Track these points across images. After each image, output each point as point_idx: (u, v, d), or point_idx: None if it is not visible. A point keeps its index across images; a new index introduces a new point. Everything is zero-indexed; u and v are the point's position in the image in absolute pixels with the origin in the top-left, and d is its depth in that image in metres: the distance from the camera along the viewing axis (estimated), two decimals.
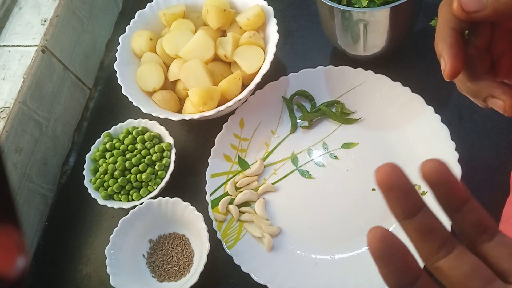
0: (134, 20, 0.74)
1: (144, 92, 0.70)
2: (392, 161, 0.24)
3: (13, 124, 0.64)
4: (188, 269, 0.61)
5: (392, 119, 0.66)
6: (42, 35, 0.70)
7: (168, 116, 0.65)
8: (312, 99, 0.70)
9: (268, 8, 0.69)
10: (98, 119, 0.79)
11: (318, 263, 0.59)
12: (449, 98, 0.67)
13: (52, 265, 0.67)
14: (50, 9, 0.73)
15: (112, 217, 0.69)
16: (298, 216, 0.63)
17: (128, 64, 0.71)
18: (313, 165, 0.66)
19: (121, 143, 0.68)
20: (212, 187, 0.65)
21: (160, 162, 0.66)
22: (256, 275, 0.58)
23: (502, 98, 0.32)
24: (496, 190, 0.59)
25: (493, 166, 0.61)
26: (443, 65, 0.32)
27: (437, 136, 0.61)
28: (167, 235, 0.64)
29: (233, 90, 0.66)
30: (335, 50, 0.74)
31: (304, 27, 0.78)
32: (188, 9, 0.74)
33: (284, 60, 0.76)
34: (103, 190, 0.65)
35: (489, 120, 0.64)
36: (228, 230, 0.62)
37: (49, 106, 0.71)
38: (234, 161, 0.68)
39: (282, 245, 0.61)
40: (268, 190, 0.65)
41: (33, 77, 0.68)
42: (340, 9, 0.58)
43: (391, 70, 0.67)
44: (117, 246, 0.61)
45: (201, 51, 0.67)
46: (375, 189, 0.62)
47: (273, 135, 0.70)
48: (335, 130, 0.68)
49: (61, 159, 0.75)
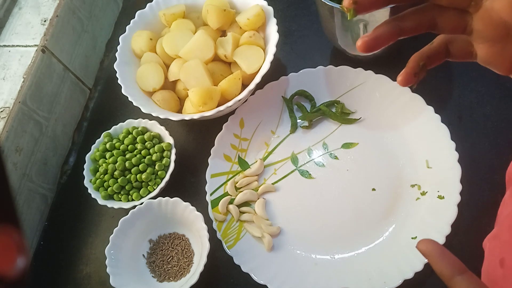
0: (134, 20, 0.74)
1: (144, 92, 0.70)
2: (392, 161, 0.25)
3: (13, 124, 0.64)
4: (188, 269, 0.61)
5: (392, 119, 0.66)
6: (42, 35, 0.70)
7: (168, 116, 0.65)
8: (312, 99, 0.70)
9: (268, 8, 0.70)
10: (98, 119, 0.79)
11: (318, 263, 0.59)
12: (449, 98, 0.67)
13: (52, 265, 0.67)
14: (50, 9, 0.73)
15: (112, 217, 0.69)
16: (298, 216, 0.63)
17: (128, 64, 0.71)
18: (313, 165, 0.66)
19: (121, 143, 0.68)
20: (212, 187, 0.65)
21: (160, 162, 0.66)
22: (256, 275, 0.58)
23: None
24: (496, 190, 0.59)
25: (493, 166, 0.61)
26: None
27: (437, 136, 0.62)
28: (167, 235, 0.64)
29: (233, 90, 0.66)
30: (335, 50, 0.74)
31: (304, 27, 0.78)
32: (188, 9, 0.74)
33: (284, 60, 0.76)
34: (103, 190, 0.65)
35: (489, 120, 0.64)
36: (228, 230, 0.62)
37: (49, 106, 0.71)
38: (234, 161, 0.68)
39: (282, 245, 0.61)
40: (268, 190, 0.65)
41: (33, 77, 0.68)
42: (340, 9, 0.58)
43: (391, 70, 0.67)
44: (117, 246, 0.61)
45: (201, 51, 0.67)
46: (375, 189, 0.62)
47: (273, 135, 0.70)
48: (335, 130, 0.68)
49: (61, 159, 0.75)
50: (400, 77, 0.39)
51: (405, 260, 0.56)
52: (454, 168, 0.59)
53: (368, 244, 0.59)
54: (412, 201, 0.60)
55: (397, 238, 0.58)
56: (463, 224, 0.57)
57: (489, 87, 0.66)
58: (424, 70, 0.39)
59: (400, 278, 0.54)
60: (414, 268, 0.55)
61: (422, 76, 0.40)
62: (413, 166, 0.62)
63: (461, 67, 0.69)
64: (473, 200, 0.59)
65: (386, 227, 0.60)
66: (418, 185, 0.61)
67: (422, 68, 0.39)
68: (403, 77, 0.39)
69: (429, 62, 0.39)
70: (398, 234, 0.59)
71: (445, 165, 0.60)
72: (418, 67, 0.39)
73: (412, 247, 0.57)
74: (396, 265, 0.56)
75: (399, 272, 0.55)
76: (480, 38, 0.35)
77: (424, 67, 0.39)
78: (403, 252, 0.57)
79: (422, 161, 0.62)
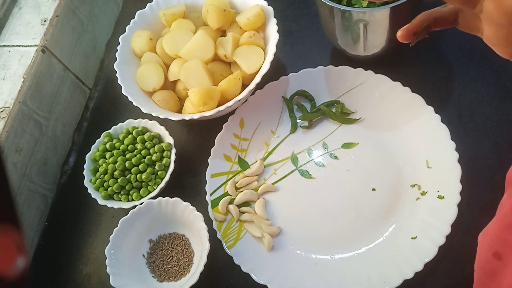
0: (134, 20, 0.74)
1: (144, 92, 0.70)
2: (392, 161, 0.25)
3: (13, 124, 0.64)
4: (188, 269, 0.61)
5: (392, 119, 0.66)
6: (42, 35, 0.70)
7: (168, 116, 0.65)
8: (312, 99, 0.70)
9: (268, 8, 0.70)
10: (98, 119, 0.79)
11: (318, 263, 0.59)
12: (449, 98, 0.67)
13: (52, 265, 0.67)
14: (50, 9, 0.73)
15: (112, 217, 0.69)
16: (298, 216, 0.63)
17: (128, 64, 0.71)
18: (313, 165, 0.66)
19: (121, 143, 0.68)
20: (212, 187, 0.65)
21: (160, 162, 0.66)
22: (256, 275, 0.58)
23: None
24: (496, 190, 0.59)
25: (493, 166, 0.61)
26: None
27: (437, 136, 0.62)
28: (167, 235, 0.64)
29: (233, 90, 0.66)
30: (335, 50, 0.74)
31: (304, 27, 0.78)
32: (188, 9, 0.74)
33: (284, 60, 0.76)
34: (103, 190, 0.65)
35: (489, 120, 0.64)
36: (228, 230, 0.62)
37: (49, 106, 0.71)
38: (234, 161, 0.68)
39: (282, 245, 0.61)
40: (268, 190, 0.65)
41: (33, 77, 0.68)
42: (340, 9, 0.58)
43: (391, 70, 0.67)
44: (117, 246, 0.61)
45: (201, 51, 0.67)
46: (375, 189, 0.62)
47: (273, 135, 0.70)
48: (335, 130, 0.68)
49: (61, 159, 0.75)
50: (400, 32, 0.41)
51: (405, 260, 0.56)
52: (454, 168, 0.59)
53: (368, 244, 0.59)
54: (412, 201, 0.60)
55: (397, 238, 0.58)
56: (463, 224, 0.57)
57: (489, 87, 0.66)
58: (426, 32, 0.40)
59: (400, 278, 0.54)
60: (414, 268, 0.55)
61: (422, 36, 0.41)
62: (413, 166, 0.62)
63: (461, 67, 0.69)
64: (473, 200, 0.59)
65: (386, 227, 0.60)
66: (418, 185, 0.61)
67: (425, 29, 0.40)
68: (403, 33, 0.40)
69: (434, 24, 0.40)
70: (398, 234, 0.59)
71: (445, 165, 0.60)
72: (421, 26, 0.40)
73: (412, 247, 0.57)
74: (396, 265, 0.56)
75: (399, 272, 0.55)
76: (488, 20, 0.35)
77: (427, 28, 0.40)
78: (403, 252, 0.57)
79: (422, 161, 0.62)
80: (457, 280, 0.56)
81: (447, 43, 0.71)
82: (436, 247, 0.55)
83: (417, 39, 0.41)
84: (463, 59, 0.69)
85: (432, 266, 0.55)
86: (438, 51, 0.71)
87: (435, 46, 0.71)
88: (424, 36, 0.41)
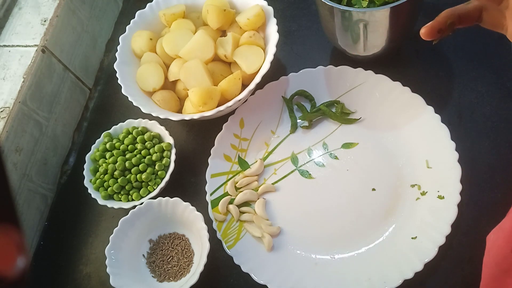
0: (134, 20, 0.74)
1: (144, 92, 0.70)
2: (392, 161, 0.25)
3: (13, 124, 0.64)
4: (188, 269, 0.61)
5: (392, 119, 0.66)
6: (42, 35, 0.70)
7: (168, 116, 0.65)
8: (312, 99, 0.70)
9: (268, 8, 0.70)
10: (98, 119, 0.79)
11: (318, 263, 0.59)
12: (449, 98, 0.67)
13: (52, 265, 0.67)
14: (50, 9, 0.73)
15: (112, 217, 0.69)
16: (298, 216, 0.63)
17: (128, 64, 0.71)
18: (313, 165, 0.66)
19: (121, 143, 0.68)
20: (212, 187, 0.65)
21: (160, 162, 0.66)
22: (256, 275, 0.58)
23: None
24: (496, 190, 0.59)
25: (493, 166, 0.61)
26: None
27: (437, 136, 0.62)
28: (167, 235, 0.64)
29: (233, 90, 0.66)
30: (335, 50, 0.74)
31: (304, 27, 0.78)
32: (188, 9, 0.74)
33: (284, 60, 0.76)
34: (103, 190, 0.65)
35: (489, 120, 0.64)
36: (228, 230, 0.62)
37: (49, 106, 0.71)
38: (234, 161, 0.68)
39: (282, 245, 0.61)
40: (268, 190, 0.65)
41: (33, 77, 0.68)
42: (340, 9, 0.58)
43: (391, 70, 0.67)
44: (117, 246, 0.61)
45: (201, 51, 0.67)
46: (375, 189, 0.62)
47: (273, 135, 0.70)
48: (335, 130, 0.68)
49: (61, 159, 0.75)
50: (424, 29, 0.39)
51: (405, 260, 0.56)
52: (454, 168, 0.59)
53: (368, 244, 0.59)
54: (412, 201, 0.60)
55: (397, 238, 0.58)
56: (463, 224, 0.57)
57: (489, 87, 0.66)
58: (451, 29, 0.39)
59: (400, 278, 0.54)
60: (414, 268, 0.55)
61: (447, 34, 0.39)
62: (413, 166, 0.62)
63: (461, 67, 0.69)
64: (473, 200, 0.59)
65: (386, 227, 0.60)
66: (418, 185, 0.61)
67: (449, 26, 0.39)
68: (427, 30, 0.38)
69: (458, 21, 0.39)
70: (398, 234, 0.59)
71: (445, 165, 0.60)
72: (445, 24, 0.38)
73: (412, 247, 0.57)
74: (396, 265, 0.56)
75: (399, 272, 0.55)
76: None
77: (451, 25, 0.39)
78: (403, 252, 0.57)
79: (422, 161, 0.62)
80: (457, 280, 0.56)
81: (447, 43, 0.71)
82: (436, 247, 0.55)
83: (442, 37, 0.39)
84: (463, 59, 0.69)
85: (432, 266, 0.55)
86: (438, 51, 0.71)
87: (435, 46, 0.71)
88: (448, 33, 0.39)
